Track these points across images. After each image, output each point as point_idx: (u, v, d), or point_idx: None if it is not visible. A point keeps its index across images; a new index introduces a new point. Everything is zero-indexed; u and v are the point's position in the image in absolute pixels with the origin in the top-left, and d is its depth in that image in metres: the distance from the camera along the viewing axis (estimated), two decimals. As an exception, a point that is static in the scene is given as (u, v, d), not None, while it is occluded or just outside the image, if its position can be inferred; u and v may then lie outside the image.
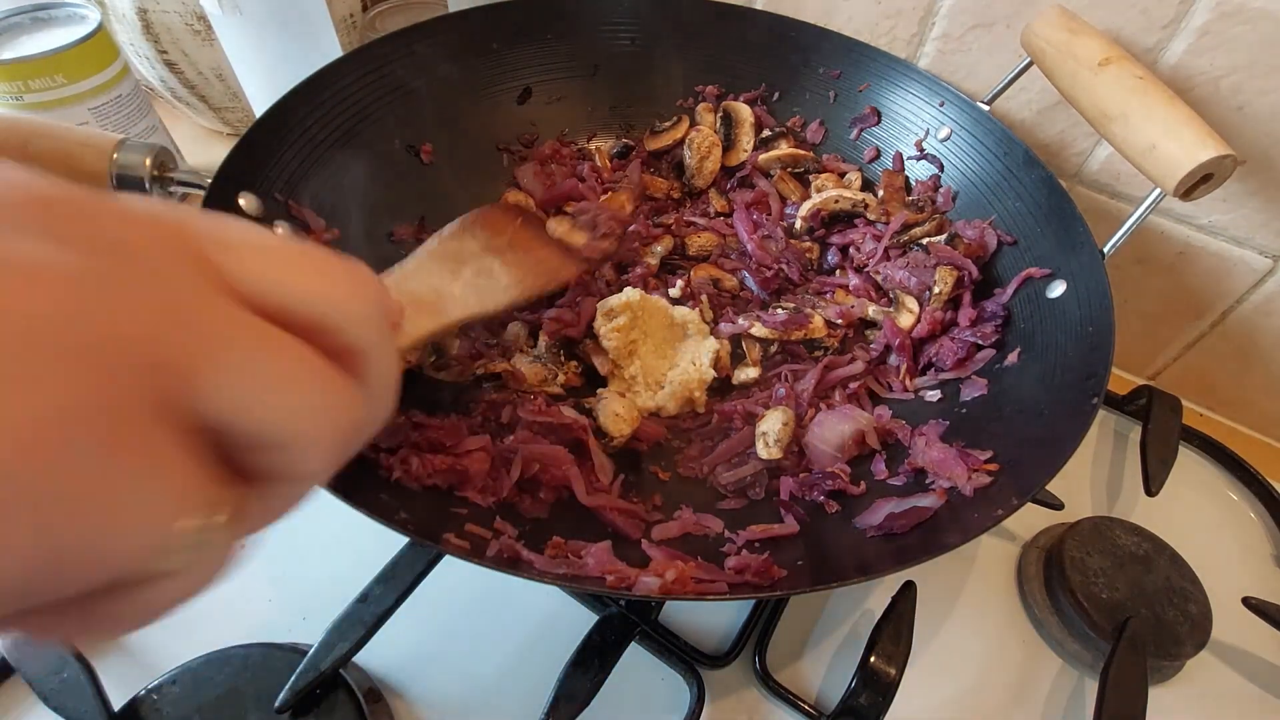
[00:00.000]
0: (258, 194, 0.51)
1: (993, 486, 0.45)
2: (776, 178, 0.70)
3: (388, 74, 0.62)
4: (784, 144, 0.71)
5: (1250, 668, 0.55)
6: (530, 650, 0.51)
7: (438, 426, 0.48)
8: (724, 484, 0.53)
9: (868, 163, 0.70)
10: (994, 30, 0.64)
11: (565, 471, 0.47)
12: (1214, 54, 0.56)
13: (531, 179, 0.69)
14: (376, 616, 0.43)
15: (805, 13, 0.71)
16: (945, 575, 0.57)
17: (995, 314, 0.57)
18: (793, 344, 0.60)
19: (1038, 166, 0.59)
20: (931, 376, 0.58)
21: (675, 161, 0.72)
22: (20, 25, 0.65)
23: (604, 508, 0.47)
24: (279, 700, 0.42)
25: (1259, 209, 0.60)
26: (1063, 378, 0.50)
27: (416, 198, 0.64)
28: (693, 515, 0.49)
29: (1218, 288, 0.66)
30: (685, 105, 0.74)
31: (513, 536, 0.42)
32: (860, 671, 0.44)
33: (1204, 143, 0.48)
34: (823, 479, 0.50)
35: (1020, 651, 0.54)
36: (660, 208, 0.71)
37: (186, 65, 0.74)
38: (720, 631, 0.52)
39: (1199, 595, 0.54)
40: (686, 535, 0.48)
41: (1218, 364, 0.70)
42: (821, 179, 0.69)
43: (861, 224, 0.66)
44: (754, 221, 0.68)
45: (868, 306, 0.61)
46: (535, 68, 0.71)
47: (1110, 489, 0.64)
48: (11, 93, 0.62)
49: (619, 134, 0.75)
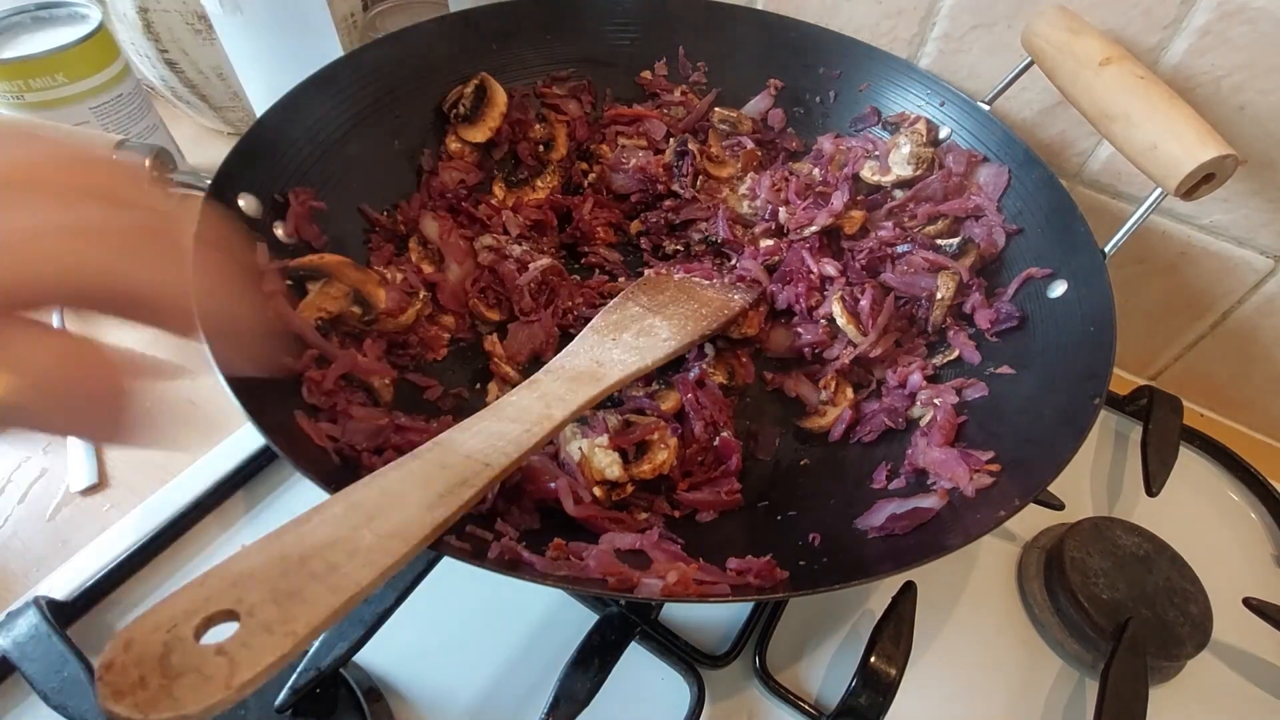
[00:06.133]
0: (257, 194, 0.51)
1: (994, 487, 0.45)
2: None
3: (388, 74, 0.62)
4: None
5: (1250, 668, 0.55)
6: (530, 650, 0.51)
7: (420, 430, 0.48)
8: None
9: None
10: (995, 30, 0.64)
11: (551, 485, 0.47)
12: (1215, 54, 0.56)
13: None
14: (377, 616, 0.43)
15: (806, 13, 0.71)
16: (946, 575, 0.57)
17: (1011, 314, 0.57)
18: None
19: (1038, 166, 0.59)
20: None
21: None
22: (21, 24, 0.65)
23: (594, 518, 0.46)
24: (279, 699, 0.42)
25: (1260, 209, 0.60)
26: (1064, 378, 0.50)
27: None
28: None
29: (1219, 288, 0.65)
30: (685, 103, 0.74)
31: (514, 538, 0.42)
32: (860, 671, 0.44)
33: (1205, 142, 0.48)
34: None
35: (1020, 652, 0.54)
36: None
37: (187, 64, 0.74)
38: (720, 631, 0.52)
39: (1199, 596, 0.53)
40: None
41: (1219, 364, 0.70)
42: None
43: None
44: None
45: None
46: (535, 68, 0.71)
47: (1111, 489, 0.64)
48: (12, 92, 0.62)
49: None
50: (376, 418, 0.48)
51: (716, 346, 0.62)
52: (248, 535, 0.55)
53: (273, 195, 0.53)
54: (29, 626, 0.44)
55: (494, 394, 0.58)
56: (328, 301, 0.51)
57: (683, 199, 0.70)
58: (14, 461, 0.58)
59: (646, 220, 0.70)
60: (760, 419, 0.60)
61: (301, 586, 0.28)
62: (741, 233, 0.69)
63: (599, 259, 0.69)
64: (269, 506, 0.56)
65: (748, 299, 0.62)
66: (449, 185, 0.64)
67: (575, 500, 0.46)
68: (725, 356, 0.61)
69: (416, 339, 0.57)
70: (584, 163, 0.73)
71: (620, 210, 0.72)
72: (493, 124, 0.65)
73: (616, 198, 0.72)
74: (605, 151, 0.72)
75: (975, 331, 0.59)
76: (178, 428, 0.31)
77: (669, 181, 0.70)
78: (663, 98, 0.74)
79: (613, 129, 0.73)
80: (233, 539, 0.55)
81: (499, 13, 0.68)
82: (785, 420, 0.60)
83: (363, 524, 0.32)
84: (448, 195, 0.64)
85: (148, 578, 0.52)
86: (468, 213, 0.64)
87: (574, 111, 0.72)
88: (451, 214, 0.64)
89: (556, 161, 0.71)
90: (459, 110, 0.65)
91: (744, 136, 0.72)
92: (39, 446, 0.59)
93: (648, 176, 0.69)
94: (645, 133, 0.72)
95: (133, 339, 0.27)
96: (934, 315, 0.59)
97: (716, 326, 0.59)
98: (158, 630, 0.26)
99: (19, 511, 0.56)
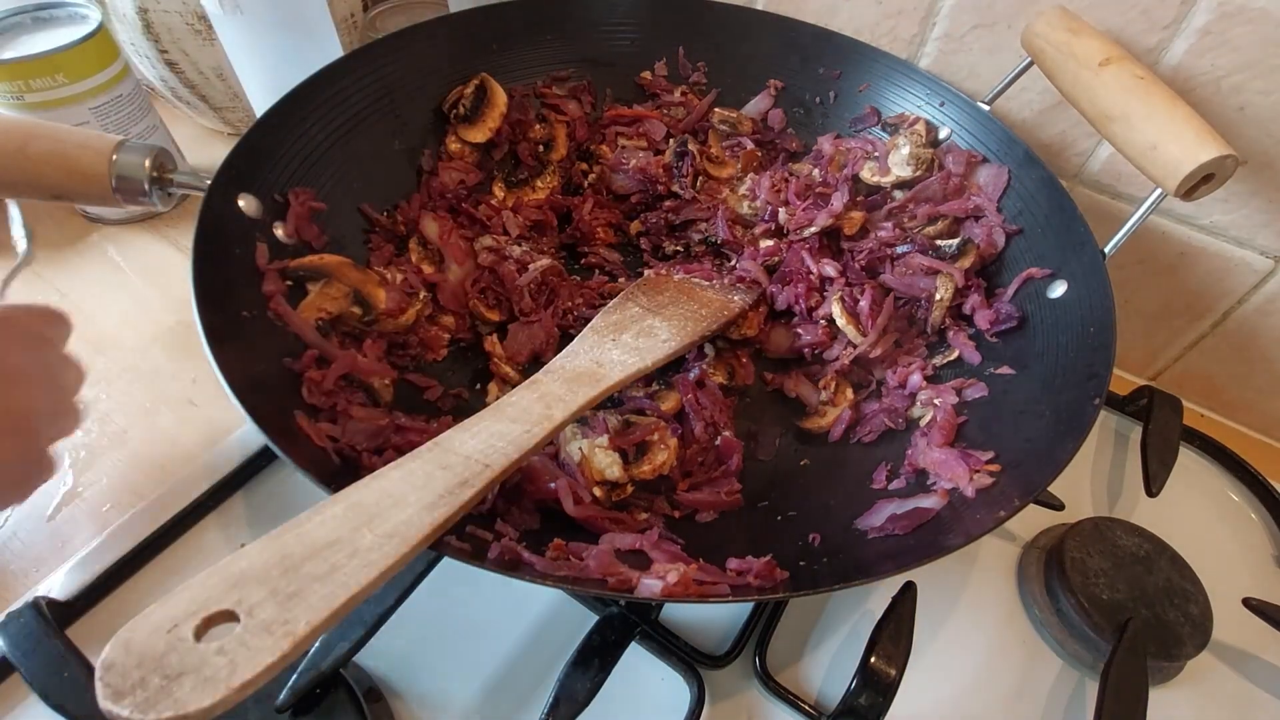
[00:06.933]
0: (257, 194, 0.51)
1: (994, 487, 0.45)
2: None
3: (388, 74, 0.62)
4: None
5: (1250, 668, 0.55)
6: (530, 650, 0.51)
7: (420, 430, 0.48)
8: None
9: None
10: (995, 30, 0.64)
11: (551, 485, 0.46)
12: (1215, 54, 0.56)
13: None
14: (377, 616, 0.43)
15: (806, 13, 0.71)
16: (946, 575, 0.57)
17: (1011, 315, 0.57)
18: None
19: (1038, 166, 0.59)
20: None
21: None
22: (21, 25, 0.65)
23: (594, 519, 0.46)
24: (279, 699, 0.42)
25: (1260, 209, 0.60)
26: (1064, 378, 0.50)
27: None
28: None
29: (1219, 288, 0.65)
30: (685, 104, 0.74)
31: (514, 538, 0.42)
32: (860, 672, 0.44)
33: (1205, 143, 0.48)
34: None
35: (1020, 652, 0.54)
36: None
37: (187, 65, 0.74)
38: (720, 631, 0.52)
39: (1199, 596, 0.53)
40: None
41: (1219, 365, 0.70)
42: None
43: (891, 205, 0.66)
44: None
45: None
46: (535, 68, 0.71)
47: (1111, 489, 0.64)
48: (12, 92, 0.62)
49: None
50: (376, 418, 0.48)
51: (716, 347, 0.62)
52: (248, 535, 0.55)
53: (273, 195, 0.53)
54: (29, 627, 0.44)
55: (494, 394, 0.58)
56: (328, 302, 0.51)
57: (683, 199, 0.70)
58: (14, 462, 0.58)
59: (646, 221, 0.70)
60: (760, 419, 0.60)
61: (301, 587, 0.28)
62: (741, 233, 0.69)
63: (599, 259, 0.69)
64: (269, 506, 0.56)
65: (747, 300, 0.62)
66: (449, 185, 0.64)
67: (575, 500, 0.46)
68: (725, 357, 0.61)
69: (416, 339, 0.57)
70: (584, 163, 0.73)
71: (620, 211, 0.72)
72: (493, 124, 0.65)
73: (616, 198, 0.72)
74: (605, 152, 0.72)
75: (975, 332, 0.59)
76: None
77: (669, 182, 0.70)
78: (663, 98, 0.74)
79: (613, 129, 0.73)
80: (233, 539, 0.55)
81: (499, 13, 0.68)
82: (785, 420, 0.60)
83: (363, 524, 0.32)
84: (448, 195, 0.64)
85: (148, 578, 0.52)
86: (468, 213, 0.64)
87: (574, 112, 0.72)
88: (451, 214, 0.64)
89: (556, 162, 0.71)
90: (459, 110, 0.65)
91: (744, 137, 0.72)
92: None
93: (648, 177, 0.69)
94: (645, 133, 0.72)
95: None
96: (933, 316, 0.59)
97: (716, 327, 0.59)
98: (158, 631, 0.26)
99: (19, 511, 0.56)
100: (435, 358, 0.58)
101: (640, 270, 0.67)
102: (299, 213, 0.53)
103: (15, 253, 0.71)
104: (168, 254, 0.74)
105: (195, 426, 0.61)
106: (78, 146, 0.47)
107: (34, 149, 0.46)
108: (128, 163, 0.47)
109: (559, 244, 0.70)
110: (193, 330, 0.41)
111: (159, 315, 0.69)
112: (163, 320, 0.68)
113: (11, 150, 0.45)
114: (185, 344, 0.66)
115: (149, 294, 0.71)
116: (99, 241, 0.75)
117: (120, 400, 0.62)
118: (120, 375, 0.64)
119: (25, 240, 0.71)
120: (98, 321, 0.68)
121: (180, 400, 0.63)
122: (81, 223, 0.76)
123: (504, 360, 0.59)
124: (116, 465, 0.58)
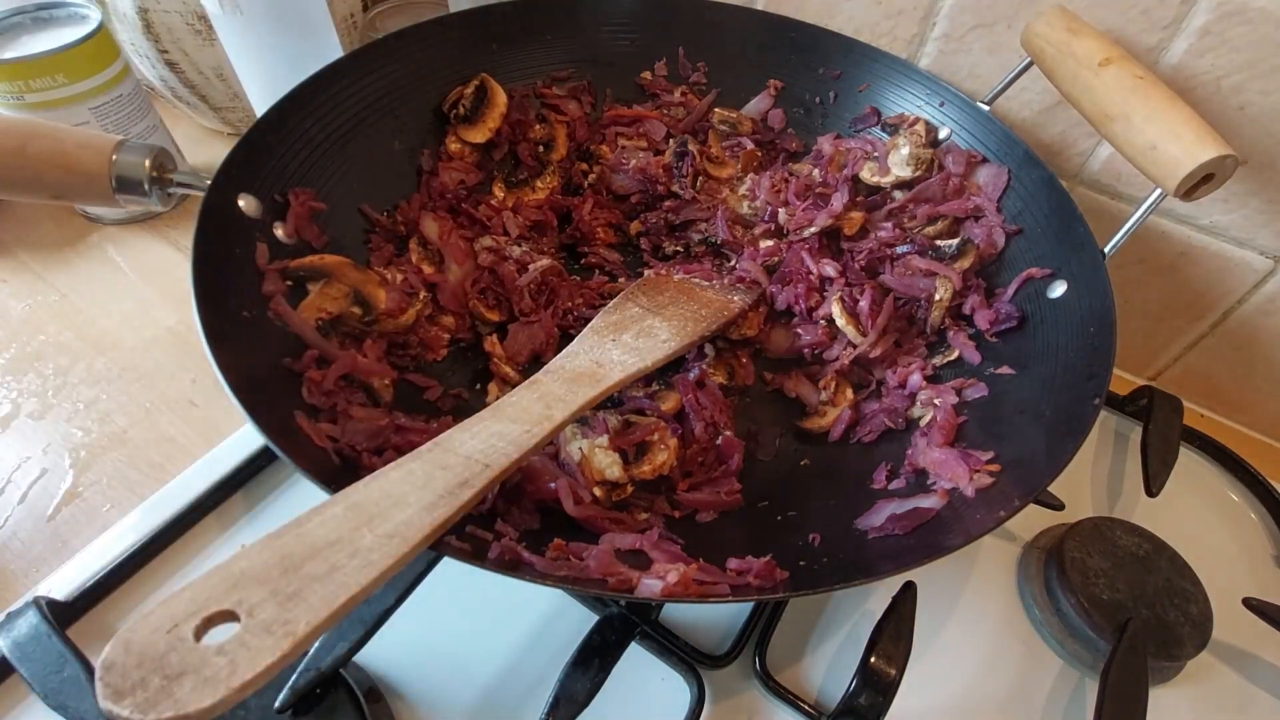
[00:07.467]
0: (257, 194, 0.51)
1: (994, 487, 0.45)
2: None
3: (388, 75, 0.62)
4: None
5: (1250, 668, 0.55)
6: (530, 650, 0.51)
7: (420, 430, 0.48)
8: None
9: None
10: (994, 30, 0.64)
11: (551, 485, 0.46)
12: (1215, 54, 0.56)
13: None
14: (376, 616, 0.43)
15: (806, 13, 0.71)
16: (946, 575, 0.57)
17: (1010, 315, 0.57)
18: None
19: (1038, 166, 0.59)
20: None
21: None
22: (21, 25, 0.65)
23: (594, 519, 0.46)
24: (279, 700, 0.42)
25: (1260, 209, 0.60)
26: (1064, 378, 0.50)
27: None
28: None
29: (1219, 288, 0.65)
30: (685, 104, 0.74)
31: (514, 538, 0.42)
32: (860, 671, 0.44)
33: (1205, 143, 0.48)
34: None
35: (1020, 652, 0.54)
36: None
37: (187, 65, 0.74)
38: (720, 631, 0.52)
39: (1199, 596, 0.53)
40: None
41: (1219, 365, 0.70)
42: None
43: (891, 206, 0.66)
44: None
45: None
46: (535, 68, 0.71)
47: (1111, 489, 0.64)
48: (12, 92, 0.62)
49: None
50: (376, 418, 0.48)
51: (716, 347, 0.62)
52: (248, 535, 0.55)
53: (273, 195, 0.53)
54: (29, 627, 0.44)
55: (494, 394, 0.58)
56: (328, 302, 0.51)
57: (682, 200, 0.70)
58: (14, 462, 0.58)
59: (646, 221, 0.70)
60: (760, 419, 0.60)
61: (302, 587, 0.28)
62: (741, 233, 0.69)
63: (599, 259, 0.69)
64: (269, 506, 0.56)
65: (747, 300, 0.62)
66: (449, 186, 0.64)
67: (575, 500, 0.46)
68: (725, 357, 0.61)
69: (416, 339, 0.57)
70: (584, 163, 0.73)
71: (620, 211, 0.72)
72: (493, 124, 0.65)
73: (616, 198, 0.72)
74: (605, 152, 0.72)
75: (975, 332, 0.59)
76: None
77: (669, 182, 0.70)
78: (662, 98, 0.74)
79: (613, 129, 0.73)
80: (233, 539, 0.55)
81: (499, 13, 0.68)
82: (785, 420, 0.60)
83: (363, 525, 0.32)
84: (448, 196, 0.64)
85: (148, 578, 0.52)
86: (468, 213, 0.64)
87: (574, 112, 0.72)
88: (451, 215, 0.64)
89: (556, 162, 0.71)
90: (459, 111, 0.65)
91: (744, 137, 0.72)
92: (39, 447, 0.59)
93: (648, 177, 0.69)
94: (645, 133, 0.72)
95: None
96: (933, 316, 0.59)
97: (716, 327, 0.59)
98: (158, 631, 0.26)
99: (19, 511, 0.56)
100: (435, 358, 0.58)
101: (640, 270, 0.67)
102: (299, 213, 0.53)
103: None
104: (168, 254, 0.75)
105: (195, 426, 0.61)
106: (78, 146, 0.47)
107: (34, 149, 0.46)
108: (128, 162, 0.47)
109: (559, 244, 0.70)
110: (193, 330, 0.41)
111: (159, 315, 0.69)
112: (163, 320, 0.69)
113: (11, 150, 0.45)
114: (185, 344, 0.67)
115: (149, 294, 0.71)
116: (99, 241, 0.75)
117: (120, 400, 0.62)
118: (120, 375, 0.64)
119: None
120: (98, 321, 0.68)
121: (180, 400, 0.63)
122: (81, 223, 0.76)
123: (504, 360, 0.59)
124: (116, 465, 0.58)
